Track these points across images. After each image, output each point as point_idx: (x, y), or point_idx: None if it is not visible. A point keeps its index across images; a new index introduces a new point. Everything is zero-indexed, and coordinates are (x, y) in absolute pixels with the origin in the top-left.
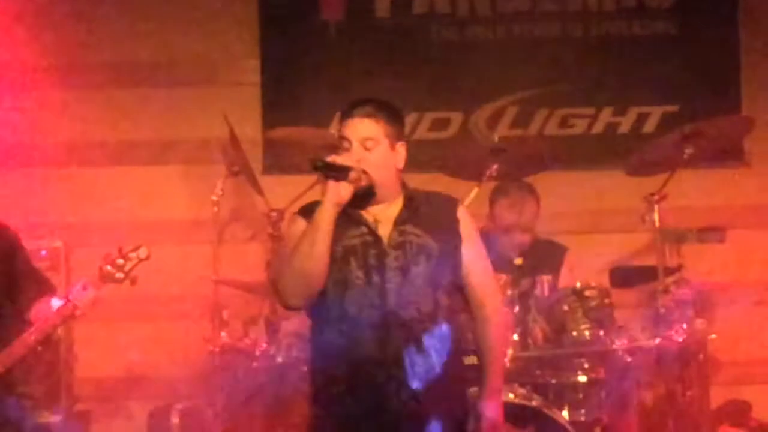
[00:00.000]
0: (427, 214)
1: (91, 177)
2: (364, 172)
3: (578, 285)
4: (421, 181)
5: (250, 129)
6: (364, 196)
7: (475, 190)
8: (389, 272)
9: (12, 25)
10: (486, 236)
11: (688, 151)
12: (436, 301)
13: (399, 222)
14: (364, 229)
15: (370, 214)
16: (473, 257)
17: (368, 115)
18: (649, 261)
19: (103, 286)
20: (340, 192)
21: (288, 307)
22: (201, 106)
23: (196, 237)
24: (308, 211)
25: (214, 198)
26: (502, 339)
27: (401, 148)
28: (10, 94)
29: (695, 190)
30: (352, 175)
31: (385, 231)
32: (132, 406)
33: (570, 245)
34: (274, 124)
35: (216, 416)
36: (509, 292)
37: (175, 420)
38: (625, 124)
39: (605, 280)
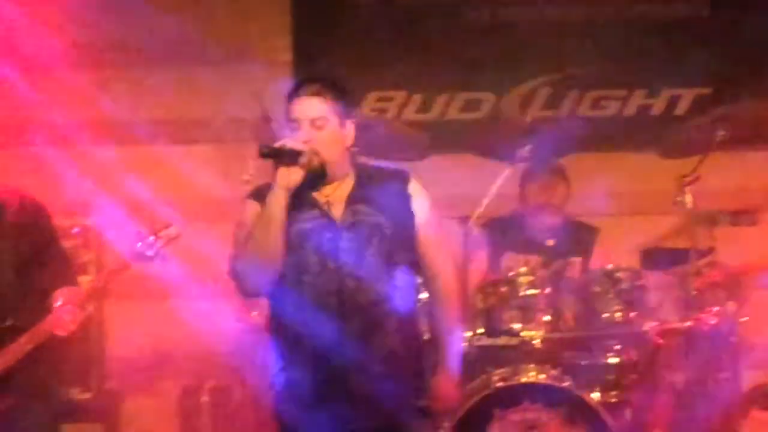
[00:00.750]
0: (379, 192)
1: (122, 155)
2: (315, 153)
3: (610, 267)
4: (453, 162)
5: (282, 108)
6: (316, 176)
7: (507, 171)
8: (343, 254)
9: (54, 5)
10: (517, 217)
11: (721, 133)
12: (393, 281)
13: (351, 201)
14: (316, 212)
15: (321, 194)
16: (426, 232)
17: (315, 94)
18: (681, 243)
19: (135, 263)
20: (290, 177)
21: (247, 294)
22: (233, 84)
23: (227, 216)
24: (260, 195)
25: (246, 177)
26: (456, 313)
27: (350, 126)
28: (44, 73)
29: (728, 173)
30: (303, 159)
31: (337, 212)
32: (163, 384)
33: (602, 227)
34: None
35: (246, 395)
36: (540, 273)
37: (205, 398)
38: (658, 106)
39: (637, 262)
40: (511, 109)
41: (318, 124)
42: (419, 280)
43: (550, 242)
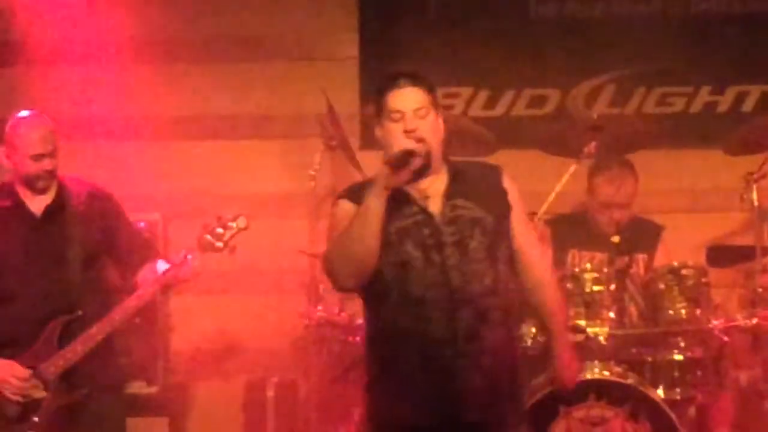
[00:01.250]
0: (475, 186)
1: (189, 150)
2: (423, 142)
3: (675, 264)
4: (519, 158)
5: (348, 103)
6: (420, 171)
7: (573, 167)
8: (447, 249)
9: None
10: (583, 214)
11: None
12: (497, 273)
13: (448, 196)
14: (414, 209)
15: (417, 190)
16: (521, 224)
17: (416, 85)
18: (747, 240)
19: (203, 254)
20: (399, 178)
21: (341, 289)
22: (299, 80)
23: (293, 211)
24: (352, 193)
25: (312, 172)
26: (559, 297)
27: (441, 120)
28: (111, 67)
29: None
30: (416, 160)
31: (435, 207)
32: (228, 378)
33: (667, 224)
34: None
35: (311, 390)
36: (605, 269)
37: (270, 393)
38: (724, 103)
39: (702, 259)
40: (577, 106)
41: (421, 113)
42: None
43: (616, 239)
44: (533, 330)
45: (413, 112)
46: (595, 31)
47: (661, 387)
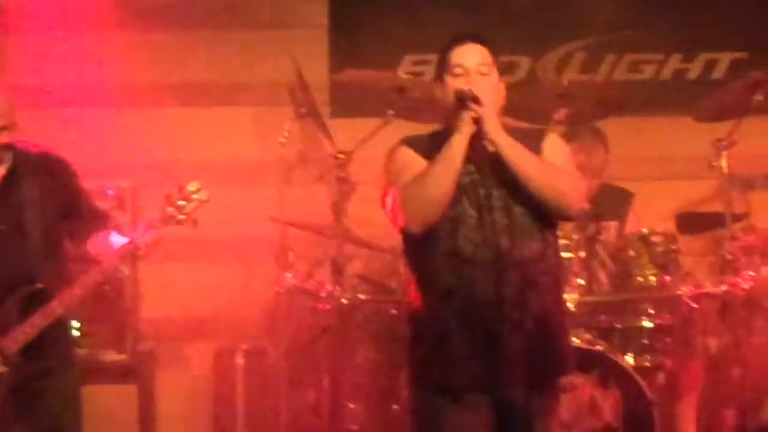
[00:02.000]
0: None
1: (159, 118)
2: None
3: (645, 231)
4: None
5: (318, 71)
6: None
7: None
8: (496, 212)
9: None
10: None
11: (757, 97)
12: (544, 238)
13: (498, 161)
14: (471, 167)
15: (473, 150)
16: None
17: (481, 42)
18: (717, 207)
19: (165, 227)
20: (472, 123)
21: (409, 231)
22: (269, 48)
23: (263, 179)
24: (413, 142)
25: (282, 140)
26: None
27: (503, 85)
28: (82, 35)
29: (764, 137)
30: (482, 108)
31: (487, 169)
32: (197, 346)
33: (637, 191)
34: (342, 67)
35: (280, 357)
36: (575, 236)
37: (239, 360)
38: (694, 70)
39: (672, 226)
40: (548, 73)
41: (483, 70)
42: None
43: (586, 206)
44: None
45: (476, 68)
46: None
47: (630, 354)
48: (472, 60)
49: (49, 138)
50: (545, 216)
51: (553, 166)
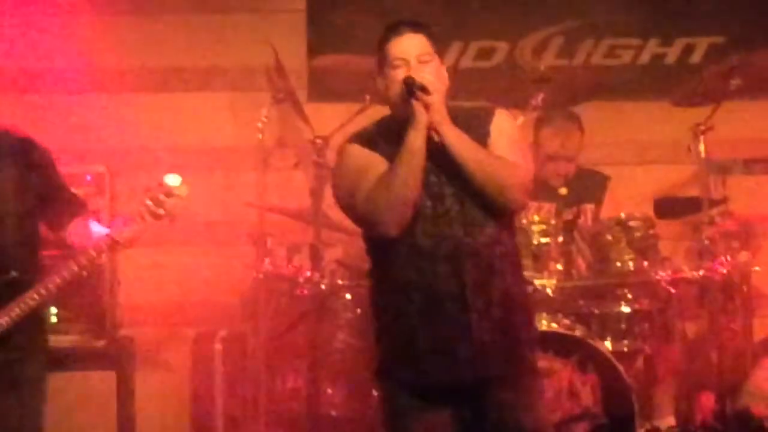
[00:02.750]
0: (469, 133)
1: (136, 103)
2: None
3: (622, 215)
4: None
5: (295, 56)
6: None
7: (521, 119)
8: (448, 200)
9: None
10: None
11: (735, 82)
12: (498, 221)
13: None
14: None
15: None
16: (495, 143)
17: (418, 31)
18: (694, 192)
19: (144, 222)
20: (425, 114)
21: (385, 236)
22: (246, 32)
23: (240, 164)
24: (361, 138)
25: (259, 125)
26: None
27: (444, 69)
28: (55, 19)
29: (741, 122)
30: (432, 96)
31: (436, 156)
32: (175, 331)
33: (615, 176)
34: (320, 52)
35: (259, 343)
36: (553, 221)
37: (218, 346)
38: (672, 55)
39: (650, 211)
40: (525, 58)
41: (424, 59)
42: None
43: (563, 191)
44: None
45: (416, 58)
46: None
47: (608, 339)
48: (411, 50)
49: (25, 123)
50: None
51: (495, 157)
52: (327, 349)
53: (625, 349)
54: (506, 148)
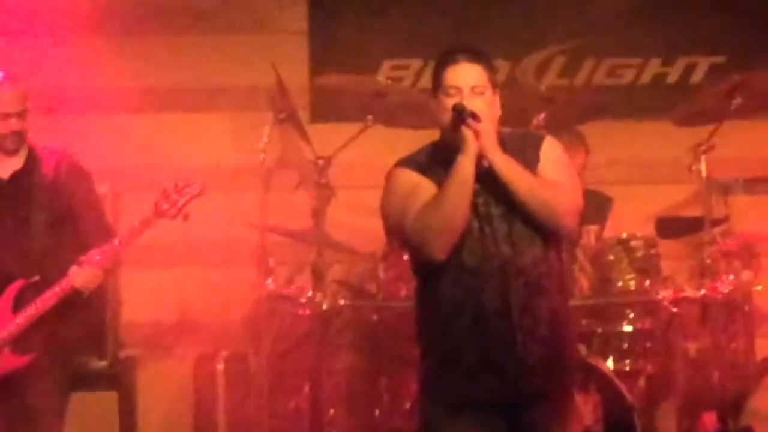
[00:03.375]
0: (516, 157)
1: (139, 123)
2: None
3: (624, 235)
4: None
5: (297, 76)
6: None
7: None
8: (495, 221)
9: None
10: None
11: (736, 101)
12: (545, 243)
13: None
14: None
15: None
16: (545, 169)
17: (475, 61)
18: (696, 212)
19: (157, 221)
20: (475, 140)
21: (434, 260)
22: (248, 53)
23: (242, 184)
24: (411, 163)
25: (261, 145)
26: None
27: (498, 98)
28: (62, 39)
29: (743, 141)
30: (480, 124)
31: (486, 179)
32: (177, 352)
33: (617, 195)
34: (321, 72)
35: (261, 363)
36: None
37: (220, 366)
38: (673, 75)
39: (651, 231)
40: (527, 77)
41: (478, 90)
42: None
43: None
44: None
45: (470, 89)
46: (545, 2)
47: (610, 358)
48: (465, 81)
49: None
50: None
51: (547, 184)
52: (329, 369)
53: (627, 369)
54: (556, 173)
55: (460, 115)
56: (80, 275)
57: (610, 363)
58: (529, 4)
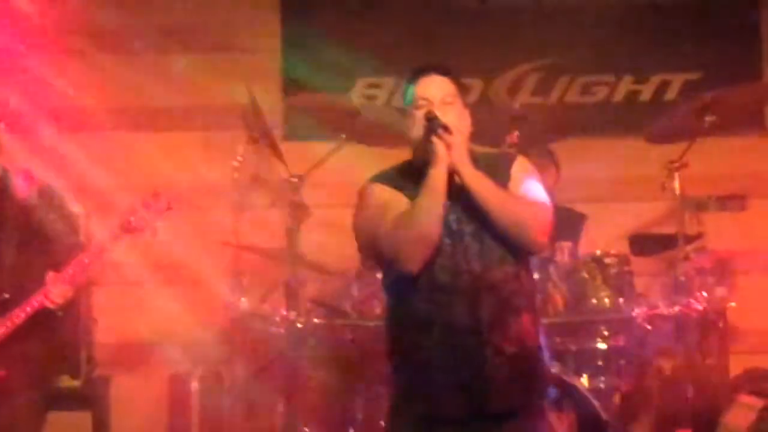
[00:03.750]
0: (489, 176)
1: (112, 142)
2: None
3: (598, 252)
4: None
5: (271, 95)
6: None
7: None
8: (467, 238)
9: None
10: None
11: (709, 119)
12: (517, 260)
13: (466, 186)
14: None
15: None
16: (515, 188)
17: (444, 73)
18: (669, 229)
19: (125, 236)
20: (446, 152)
21: (407, 272)
22: (221, 72)
23: (217, 203)
24: (383, 178)
25: (235, 164)
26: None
27: (468, 112)
28: (33, 58)
29: (715, 158)
30: (451, 136)
31: (457, 196)
32: (151, 370)
33: (590, 213)
34: (295, 91)
35: (236, 382)
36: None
37: (194, 385)
38: (646, 92)
39: (625, 248)
40: (500, 95)
41: (448, 101)
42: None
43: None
44: None
45: (440, 99)
46: (518, 20)
47: (585, 375)
48: (435, 92)
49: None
50: None
51: (518, 200)
52: (303, 387)
53: (602, 386)
54: (526, 191)
55: (431, 124)
56: (49, 294)
57: (584, 380)
58: (501, 22)
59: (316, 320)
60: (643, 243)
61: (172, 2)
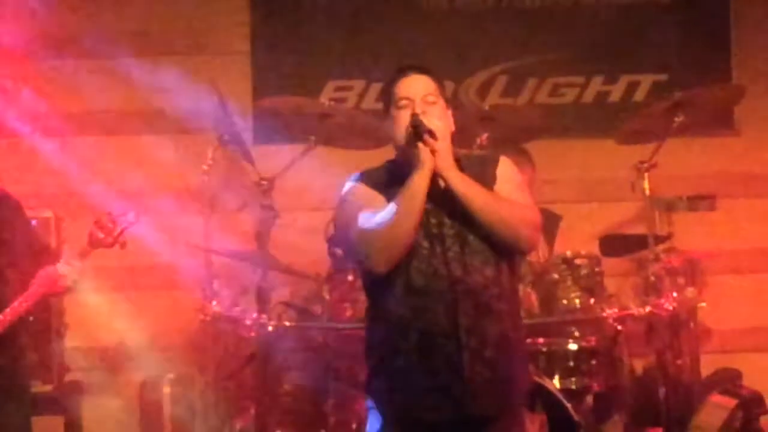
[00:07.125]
0: (474, 178)
1: (81, 146)
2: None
3: (568, 253)
4: None
5: (241, 98)
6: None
7: None
8: (448, 240)
9: None
10: None
11: (678, 119)
12: (498, 264)
13: (449, 188)
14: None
15: None
16: (502, 190)
17: (425, 72)
18: (640, 229)
19: (93, 251)
20: (431, 158)
21: (377, 273)
22: (191, 75)
23: (186, 206)
24: (367, 177)
25: (205, 167)
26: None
27: (450, 112)
28: (8, 62)
29: (685, 159)
30: (437, 142)
31: (439, 198)
32: (123, 375)
33: (560, 214)
34: (264, 93)
35: (207, 385)
36: None
37: (166, 390)
38: (616, 93)
39: (595, 249)
40: (470, 97)
41: (429, 99)
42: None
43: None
44: None
45: (421, 98)
46: (487, 22)
47: (556, 376)
48: (416, 91)
49: None
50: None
51: (504, 201)
52: (275, 390)
53: (573, 387)
54: (512, 191)
55: (417, 129)
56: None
57: (556, 381)
58: (472, 24)
59: (287, 323)
60: (614, 244)
61: (141, 5)
